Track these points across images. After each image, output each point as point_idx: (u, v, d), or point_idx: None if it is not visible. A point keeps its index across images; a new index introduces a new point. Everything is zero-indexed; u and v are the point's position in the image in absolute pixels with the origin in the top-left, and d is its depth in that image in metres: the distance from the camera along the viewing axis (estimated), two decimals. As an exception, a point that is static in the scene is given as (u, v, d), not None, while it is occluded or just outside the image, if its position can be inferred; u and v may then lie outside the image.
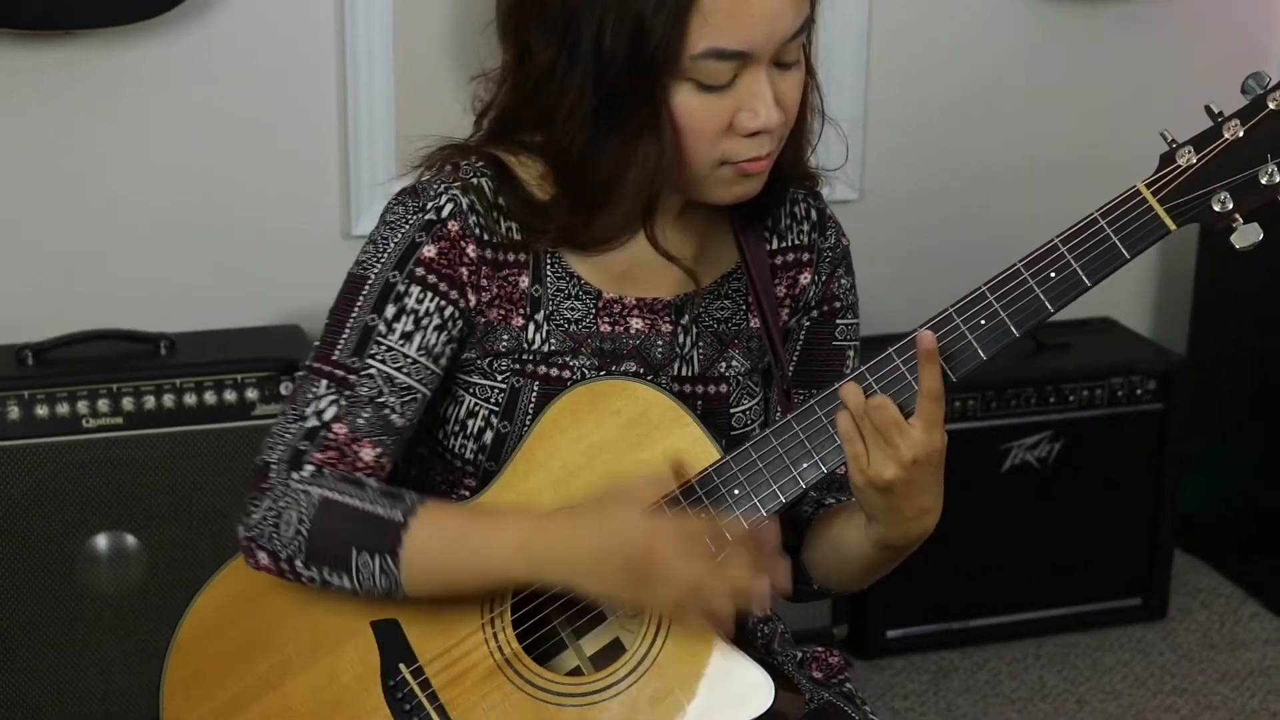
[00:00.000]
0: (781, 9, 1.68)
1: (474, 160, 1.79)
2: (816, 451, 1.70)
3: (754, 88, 1.69)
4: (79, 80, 3.12)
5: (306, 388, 1.76)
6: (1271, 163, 1.64)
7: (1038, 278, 1.67)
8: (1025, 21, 3.62)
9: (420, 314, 1.75)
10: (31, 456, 2.91)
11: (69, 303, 3.17)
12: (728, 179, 1.74)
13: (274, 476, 1.73)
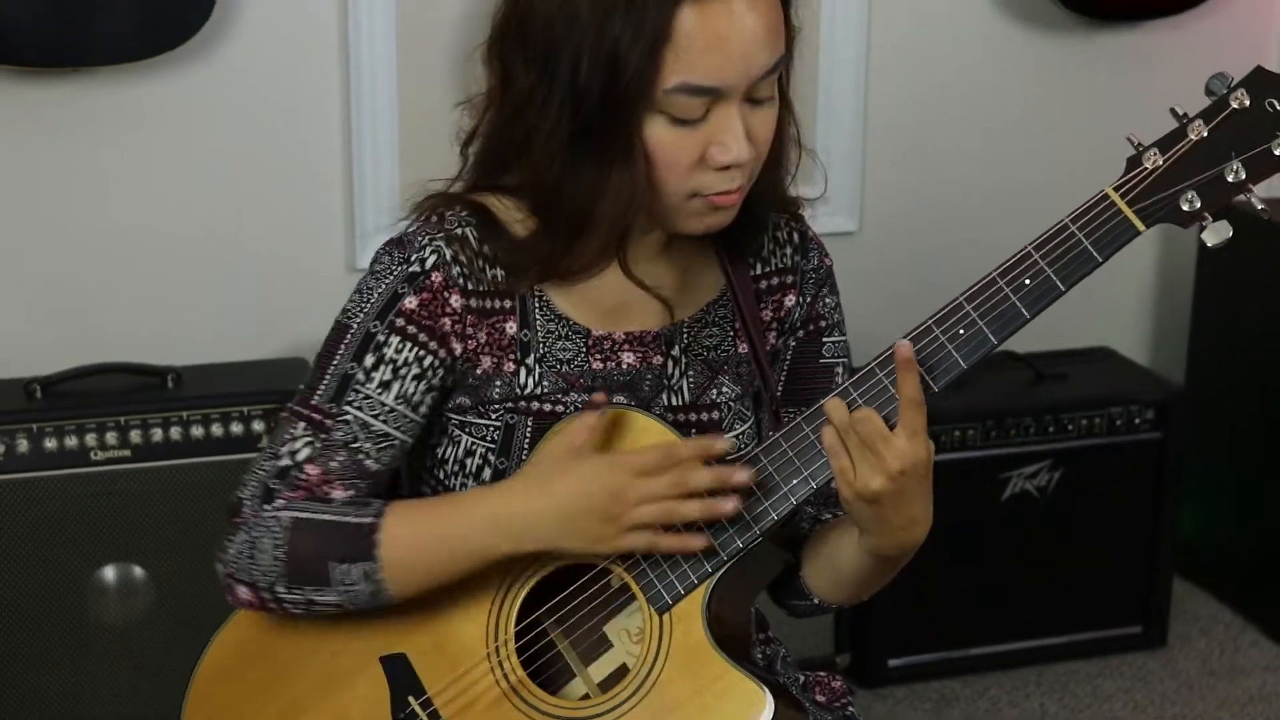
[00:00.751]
0: (756, 47, 1.69)
1: (459, 209, 1.82)
2: (805, 467, 1.72)
3: (726, 123, 1.70)
4: (86, 116, 3.16)
5: (285, 428, 1.79)
6: (1236, 159, 1.67)
7: (1013, 285, 1.71)
8: (1022, 51, 3.65)
9: (399, 364, 1.78)
10: (40, 489, 2.94)
11: (77, 337, 3.20)
12: (699, 211, 1.76)
13: (246, 511, 1.77)
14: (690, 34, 1.66)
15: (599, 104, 1.69)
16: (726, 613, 1.80)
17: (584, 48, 1.68)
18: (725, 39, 1.67)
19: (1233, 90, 1.68)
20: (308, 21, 3.24)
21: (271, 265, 3.29)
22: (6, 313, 3.20)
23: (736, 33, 1.67)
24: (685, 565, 1.75)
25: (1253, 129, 1.67)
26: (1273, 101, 1.68)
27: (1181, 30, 3.69)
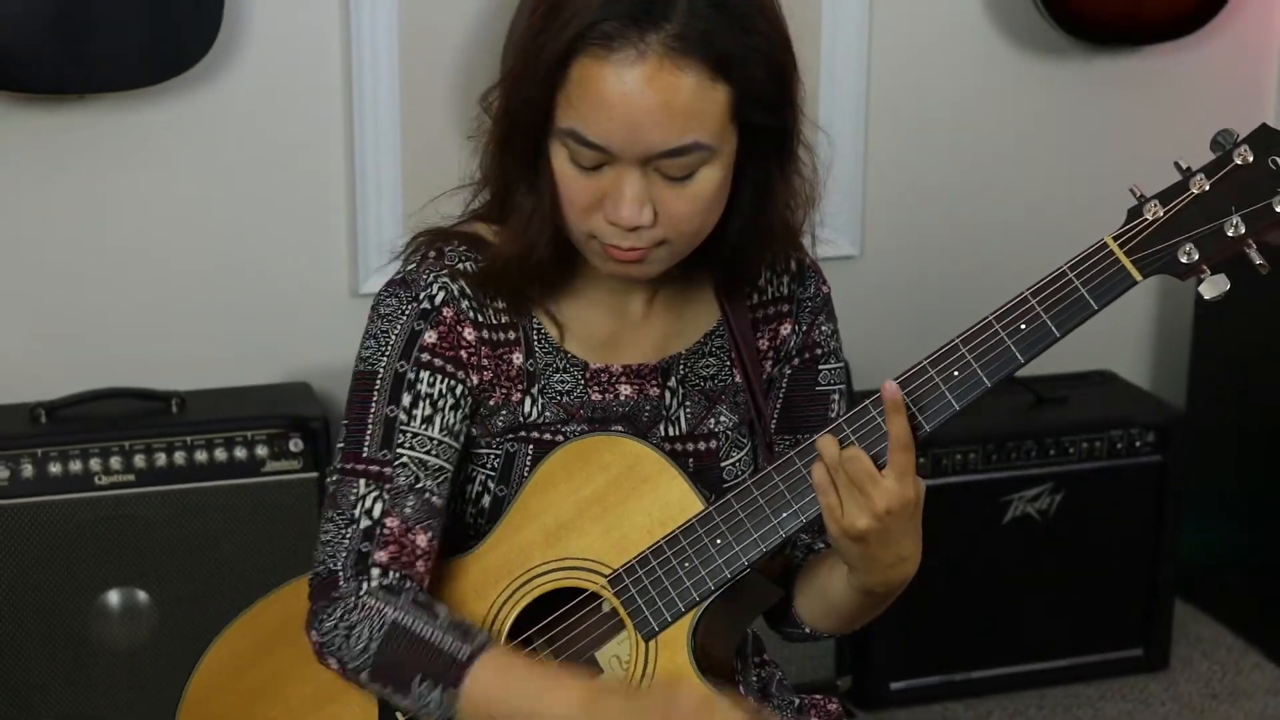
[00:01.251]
0: (648, 123, 1.67)
1: (456, 244, 1.84)
2: (796, 501, 1.74)
3: (618, 184, 1.71)
4: (90, 142, 3.17)
5: (345, 491, 1.80)
6: (1236, 214, 1.68)
7: (1008, 329, 1.72)
8: (1022, 76, 3.67)
9: (435, 397, 1.80)
10: (45, 513, 2.95)
11: (81, 361, 3.21)
12: (599, 254, 1.77)
13: (344, 586, 1.78)
14: (578, 86, 1.68)
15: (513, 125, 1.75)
16: (713, 643, 1.81)
17: (513, 69, 1.74)
18: (610, 104, 1.67)
19: (1236, 146, 1.70)
20: (312, 49, 3.26)
21: (275, 291, 3.31)
22: (12, 337, 3.21)
23: (622, 101, 1.66)
24: (674, 594, 1.76)
25: (1255, 185, 1.69)
26: (1275, 159, 1.69)
27: (1181, 55, 3.71)
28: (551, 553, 1.79)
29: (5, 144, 3.13)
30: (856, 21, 3.51)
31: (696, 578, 1.75)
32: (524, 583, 1.80)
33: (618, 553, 1.78)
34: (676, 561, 1.76)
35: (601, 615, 1.82)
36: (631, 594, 1.77)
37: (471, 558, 1.82)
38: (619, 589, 1.78)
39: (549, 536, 1.80)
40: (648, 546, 1.77)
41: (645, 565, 1.77)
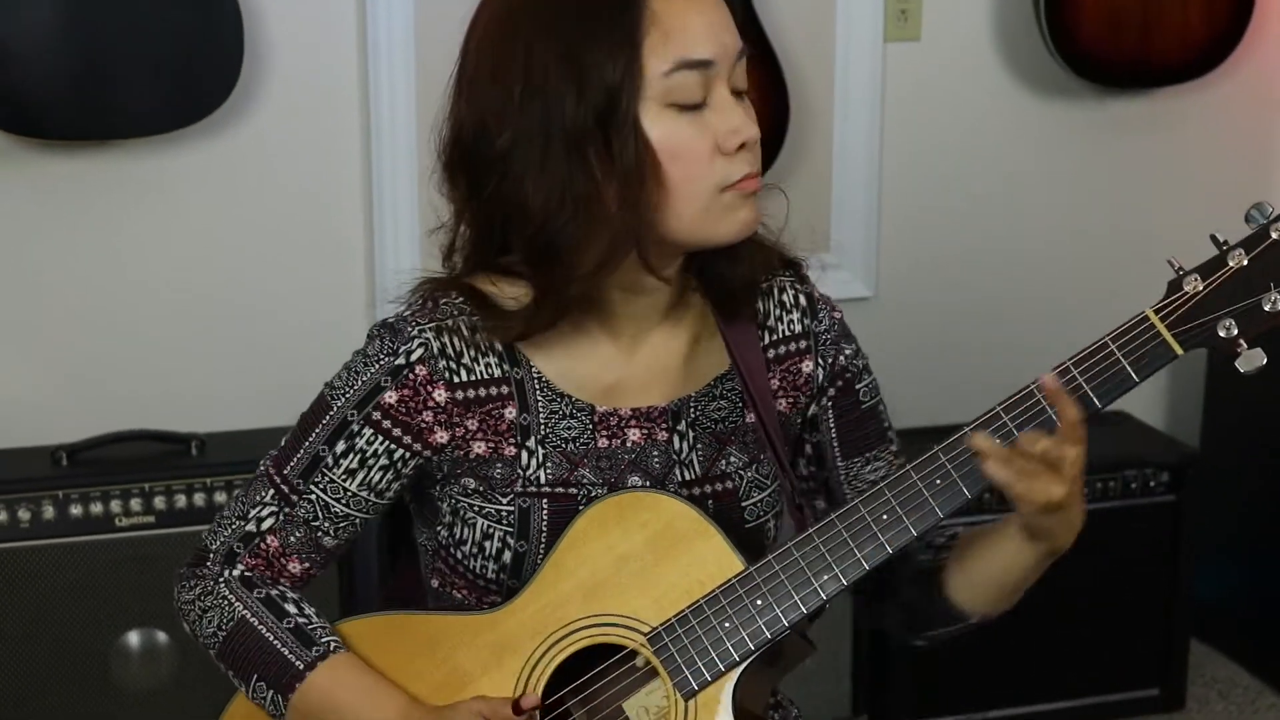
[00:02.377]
0: (723, 20, 1.76)
1: (453, 296, 1.84)
2: (837, 564, 1.75)
3: (722, 107, 1.75)
4: (111, 187, 3.21)
5: (257, 488, 1.88)
6: (1275, 290, 1.69)
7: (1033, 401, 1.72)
8: (1035, 118, 3.69)
9: (368, 454, 1.83)
10: (66, 555, 2.98)
11: (102, 404, 3.24)
12: (731, 205, 1.77)
13: (209, 568, 1.88)
14: (666, 13, 1.72)
15: (595, 115, 1.72)
16: (750, 699, 1.82)
17: (559, 74, 1.72)
18: (697, 12, 1.74)
19: (1273, 221, 1.70)
20: (330, 92, 3.30)
21: (294, 332, 3.33)
22: (33, 380, 3.24)
23: (702, 7, 1.75)
24: (714, 654, 1.77)
25: None
26: None
27: (1192, 97, 3.73)
28: (588, 609, 1.79)
29: (28, 189, 3.17)
30: (870, 68, 3.54)
31: (737, 638, 1.76)
32: (561, 638, 1.80)
33: (656, 611, 1.78)
34: (717, 621, 1.76)
35: (638, 674, 1.81)
36: (671, 653, 1.77)
37: (506, 612, 1.82)
38: (658, 647, 1.78)
39: (585, 593, 1.80)
40: (687, 605, 1.77)
41: (685, 624, 1.77)
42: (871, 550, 1.75)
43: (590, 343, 1.85)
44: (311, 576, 1.89)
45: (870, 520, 1.75)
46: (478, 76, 1.78)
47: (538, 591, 1.81)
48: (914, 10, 3.57)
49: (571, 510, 1.82)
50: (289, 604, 1.86)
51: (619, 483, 1.85)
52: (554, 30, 1.72)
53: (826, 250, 3.58)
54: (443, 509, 1.87)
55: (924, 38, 3.59)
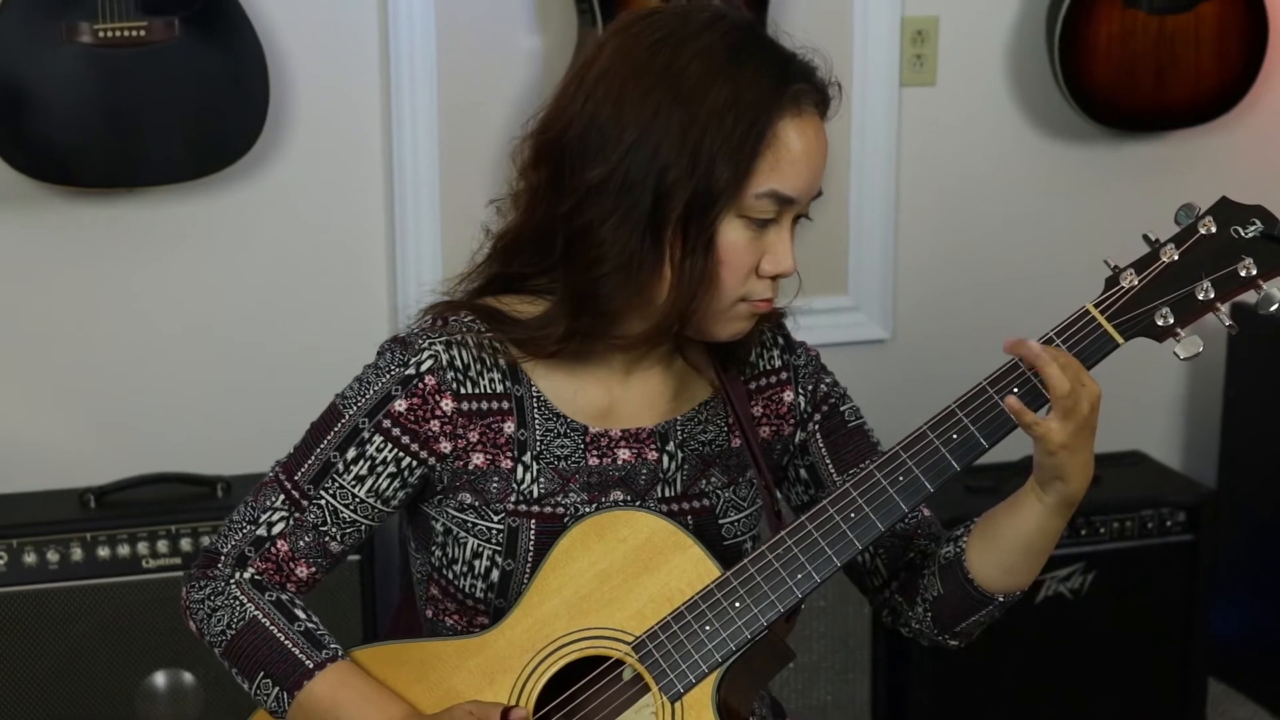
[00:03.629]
0: (820, 168, 1.85)
1: (463, 314, 1.92)
2: (810, 563, 1.83)
3: (779, 238, 1.84)
4: (139, 233, 3.26)
5: (268, 493, 1.94)
6: (1206, 280, 1.83)
7: (1002, 395, 1.81)
8: (1051, 163, 3.73)
9: (377, 461, 1.90)
10: (94, 596, 3.02)
11: (129, 447, 3.28)
12: (741, 315, 1.87)
13: (220, 570, 1.93)
14: (786, 145, 1.80)
15: (687, 199, 1.79)
16: (734, 700, 1.89)
17: (670, 145, 1.78)
18: (808, 155, 1.82)
19: (1200, 218, 1.85)
20: (353, 140, 3.34)
21: (317, 376, 3.34)
22: (62, 423, 3.28)
23: (814, 151, 1.83)
24: (696, 655, 1.83)
25: (1219, 252, 1.84)
26: (1237, 228, 1.84)
27: (1207, 140, 3.76)
28: (574, 624, 1.86)
29: (57, 235, 3.22)
30: (885, 112, 3.58)
31: (718, 639, 1.83)
32: (549, 654, 1.87)
33: (639, 621, 1.85)
34: (697, 625, 1.83)
35: (623, 684, 1.87)
36: (655, 658, 1.84)
37: (496, 633, 1.89)
38: (643, 654, 1.85)
39: (571, 609, 1.87)
40: (668, 613, 1.84)
41: (667, 630, 1.84)
42: (841, 547, 1.83)
43: (588, 369, 1.93)
44: (316, 581, 1.96)
45: (839, 519, 1.83)
46: (603, 90, 1.81)
47: (525, 612, 1.88)
48: (929, 55, 3.61)
49: (558, 531, 1.89)
50: (298, 609, 1.92)
51: (603, 496, 1.92)
52: (691, 105, 1.78)
53: (843, 293, 3.62)
54: (436, 528, 1.94)
55: (939, 82, 3.63)
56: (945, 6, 3.60)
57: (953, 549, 1.94)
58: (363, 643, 2.00)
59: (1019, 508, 1.88)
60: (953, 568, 1.92)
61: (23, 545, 3.00)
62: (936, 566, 1.95)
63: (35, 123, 3.02)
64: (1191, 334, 1.84)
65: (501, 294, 1.93)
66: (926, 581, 1.96)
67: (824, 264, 3.56)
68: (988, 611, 1.95)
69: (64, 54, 3.00)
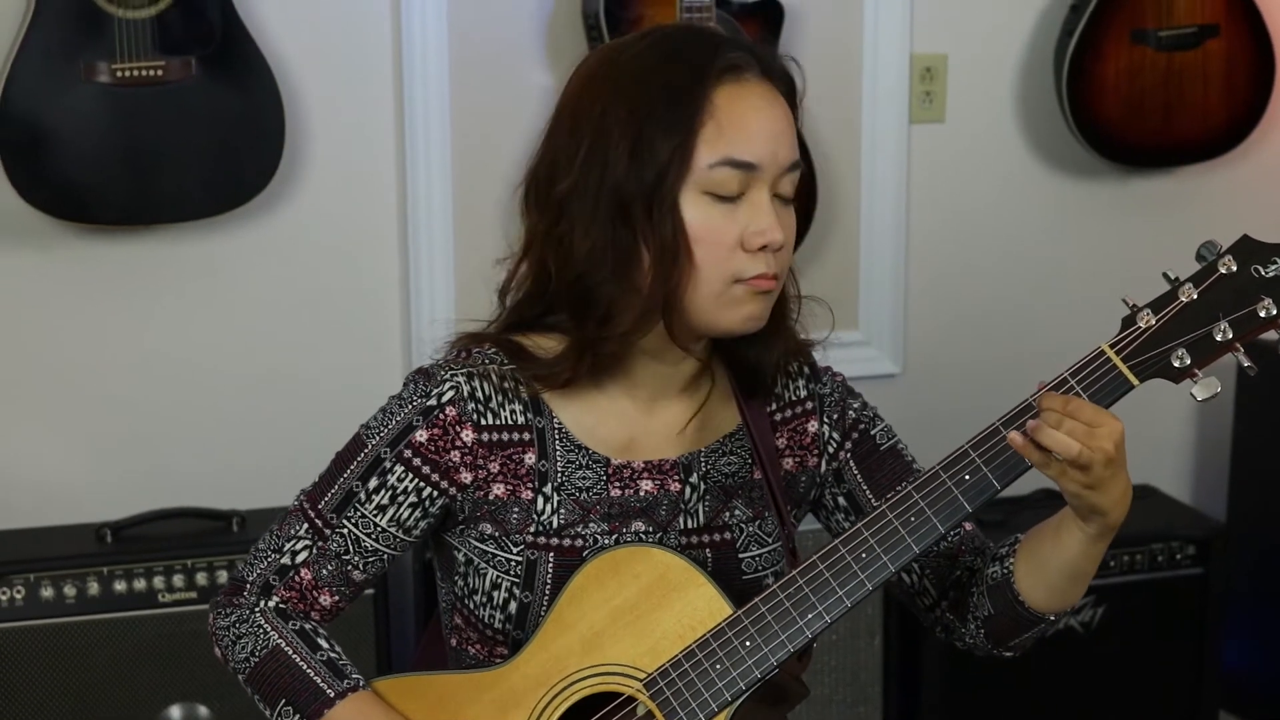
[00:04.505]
0: (779, 132, 1.85)
1: (487, 347, 1.95)
2: (820, 603, 1.83)
3: (756, 208, 1.84)
4: (155, 270, 3.28)
5: (292, 522, 1.96)
6: (1224, 320, 1.79)
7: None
8: (1059, 198, 3.75)
9: (398, 491, 1.92)
10: (110, 630, 3.03)
11: (145, 482, 3.30)
12: (740, 298, 1.86)
13: (245, 598, 1.96)
14: (726, 110, 1.82)
15: (641, 184, 1.82)
16: None
17: (620, 140, 1.82)
18: (757, 119, 1.83)
19: (1220, 256, 1.81)
20: (368, 177, 3.37)
21: (332, 411, 3.36)
22: (79, 459, 3.31)
23: (762, 114, 1.84)
24: (707, 694, 1.84)
25: (1239, 292, 1.80)
26: (1258, 268, 1.81)
27: (1214, 175, 3.78)
28: (587, 660, 1.87)
29: (75, 272, 3.25)
30: (895, 149, 3.60)
31: (728, 679, 1.83)
32: (562, 689, 1.88)
33: (651, 657, 1.86)
34: (709, 664, 1.84)
35: (630, 713, 1.88)
36: (666, 696, 1.85)
37: (510, 667, 1.90)
38: (654, 692, 1.85)
39: (585, 644, 1.88)
40: (680, 650, 1.85)
41: (678, 668, 1.85)
42: (852, 587, 1.83)
43: (610, 401, 1.94)
44: (340, 610, 1.98)
45: (850, 559, 1.83)
46: (560, 121, 1.89)
47: (540, 646, 1.89)
48: (939, 92, 3.63)
49: (576, 564, 1.90)
50: (321, 639, 1.94)
51: (623, 526, 1.93)
52: (628, 97, 1.83)
53: (854, 328, 3.64)
54: (458, 558, 1.96)
55: (948, 119, 3.65)
56: (954, 44, 3.63)
57: (999, 570, 1.93)
58: (377, 674, 2.02)
59: (1061, 535, 1.86)
60: (1001, 589, 1.92)
61: (40, 580, 3.02)
62: (985, 587, 1.94)
63: (54, 161, 3.05)
64: (1209, 375, 1.80)
65: (528, 331, 1.95)
66: (976, 600, 1.96)
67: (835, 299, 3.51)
68: (1040, 628, 1.95)
69: (82, 93, 3.03)
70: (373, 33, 3.33)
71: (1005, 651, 2.00)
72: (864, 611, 3.37)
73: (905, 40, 3.57)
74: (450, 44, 3.31)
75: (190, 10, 3.05)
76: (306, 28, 3.27)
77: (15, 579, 3.01)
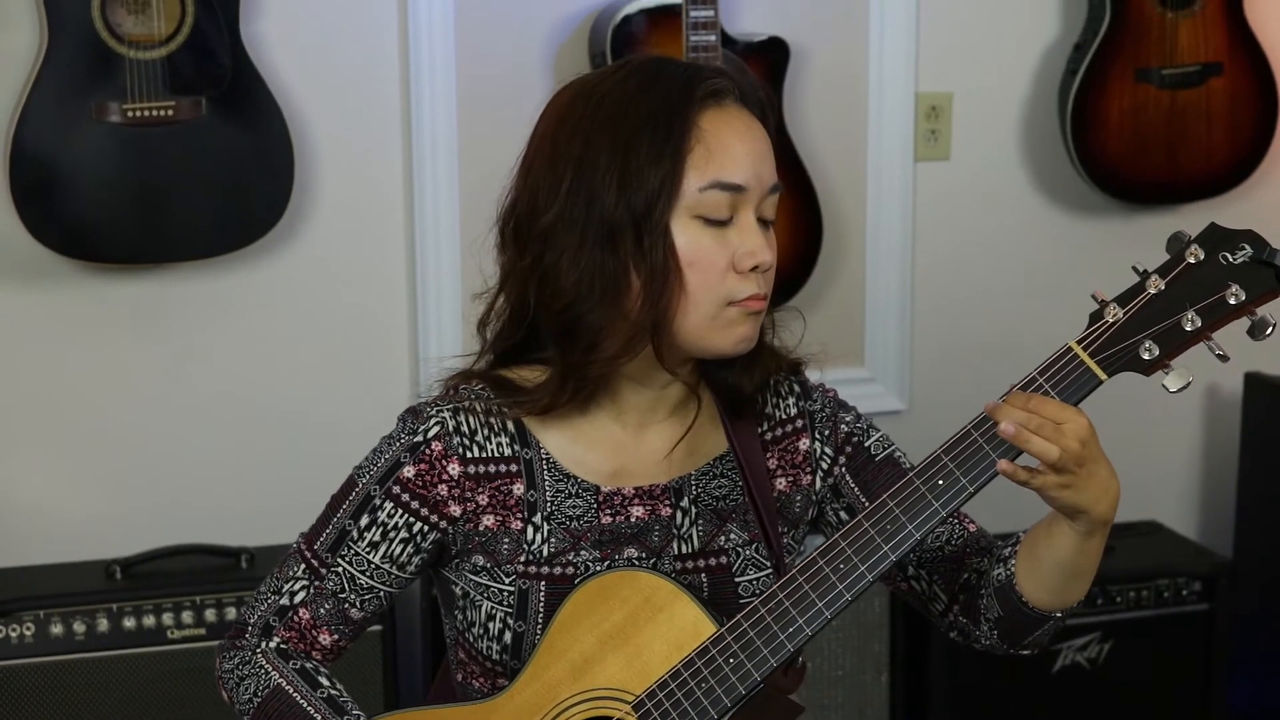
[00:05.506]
0: (762, 154, 1.89)
1: (474, 384, 1.97)
2: (801, 615, 1.84)
3: (748, 226, 1.87)
4: (165, 308, 3.30)
5: (291, 564, 2.00)
6: (1192, 309, 1.77)
7: (985, 436, 1.82)
8: (1064, 236, 3.76)
9: (389, 527, 1.95)
10: (120, 667, 3.04)
11: (154, 519, 3.31)
12: (733, 319, 1.88)
13: (247, 639, 1.99)
14: (712, 135, 1.85)
15: (630, 212, 1.84)
16: None
17: (607, 169, 1.85)
18: (742, 142, 1.87)
19: (1188, 245, 1.79)
20: (376, 215, 3.39)
21: (341, 447, 3.36)
22: (88, 496, 3.32)
23: (748, 138, 1.88)
24: (694, 714, 1.86)
25: (1207, 280, 1.78)
26: (1225, 255, 1.78)
27: (1219, 212, 3.77)
28: (578, 685, 1.90)
29: (86, 311, 3.27)
30: (900, 187, 3.62)
31: (713, 696, 1.85)
32: (554, 717, 1.90)
33: (640, 680, 1.88)
34: (694, 683, 1.86)
35: None
36: (654, 716, 1.87)
37: (505, 698, 1.93)
38: (642, 713, 1.87)
39: (575, 671, 1.90)
40: (666, 671, 1.87)
41: (665, 689, 1.87)
42: (831, 598, 1.84)
43: (596, 428, 1.97)
44: (341, 649, 2.00)
45: (828, 570, 1.84)
46: (538, 156, 1.91)
47: (532, 675, 1.91)
48: (943, 130, 3.65)
49: (567, 592, 1.92)
50: (322, 676, 1.96)
51: (616, 553, 1.95)
52: (611, 127, 1.86)
53: (860, 365, 3.65)
54: (456, 592, 1.98)
55: (953, 157, 3.67)
56: (959, 82, 3.65)
57: (1003, 571, 1.94)
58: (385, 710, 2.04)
59: (1053, 534, 1.87)
60: (1006, 591, 1.93)
61: (49, 616, 3.03)
62: (992, 589, 1.95)
63: (65, 200, 3.07)
64: (1181, 365, 1.78)
65: (514, 365, 1.98)
66: (986, 603, 1.96)
67: (840, 336, 3.59)
68: (1050, 625, 1.95)
69: (93, 133, 3.05)
70: (381, 71, 3.35)
71: (1022, 650, 2.00)
72: (870, 648, 3.38)
73: (910, 78, 3.59)
74: (458, 83, 3.33)
75: (200, 50, 3.08)
76: (315, 66, 3.30)
77: (25, 616, 3.02)
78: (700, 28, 3.15)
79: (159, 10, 3.04)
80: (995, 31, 3.65)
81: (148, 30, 3.05)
